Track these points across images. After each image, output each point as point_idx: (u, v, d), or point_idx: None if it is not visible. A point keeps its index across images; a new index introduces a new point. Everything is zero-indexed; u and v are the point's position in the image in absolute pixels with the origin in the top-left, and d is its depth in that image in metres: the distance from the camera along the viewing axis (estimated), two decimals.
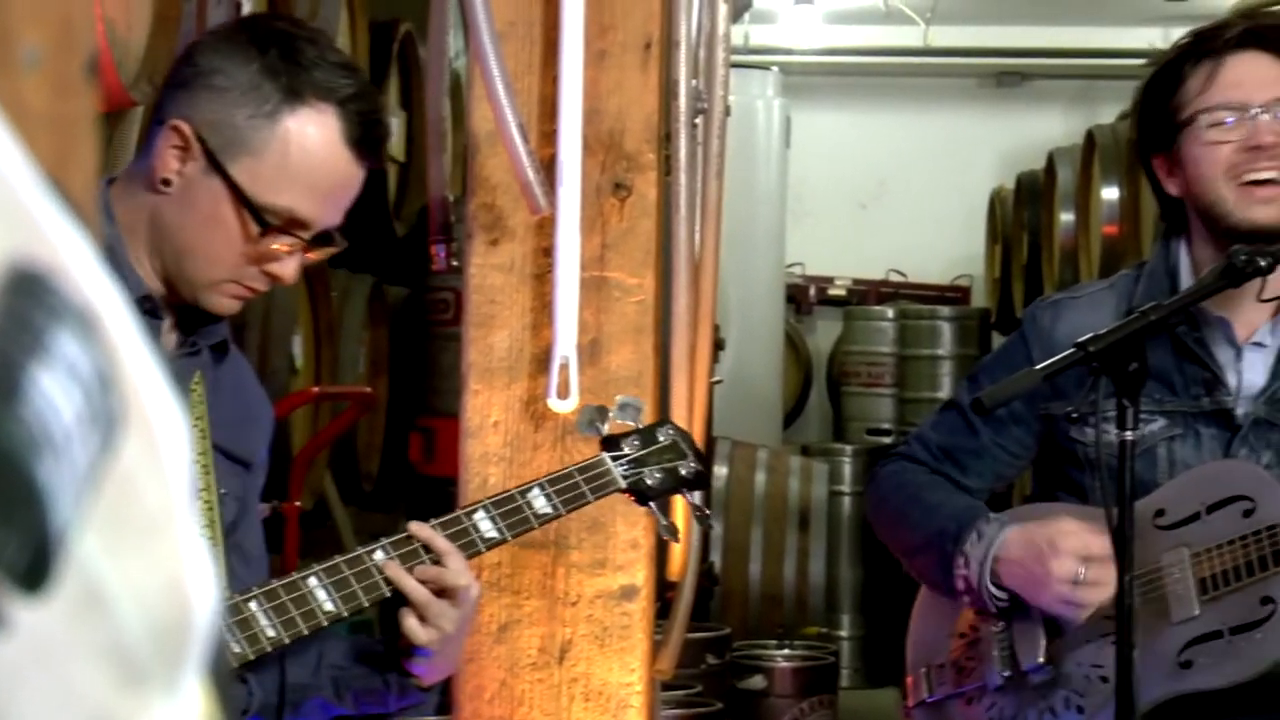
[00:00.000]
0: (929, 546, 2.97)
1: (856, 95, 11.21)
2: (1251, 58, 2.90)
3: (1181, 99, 2.91)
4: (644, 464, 2.51)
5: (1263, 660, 2.68)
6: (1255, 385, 2.90)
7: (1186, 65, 2.92)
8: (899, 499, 3.06)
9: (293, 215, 2.35)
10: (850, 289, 11.04)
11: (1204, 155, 2.87)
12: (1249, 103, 2.85)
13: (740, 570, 7.46)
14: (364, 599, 2.38)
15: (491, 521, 2.45)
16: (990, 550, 2.86)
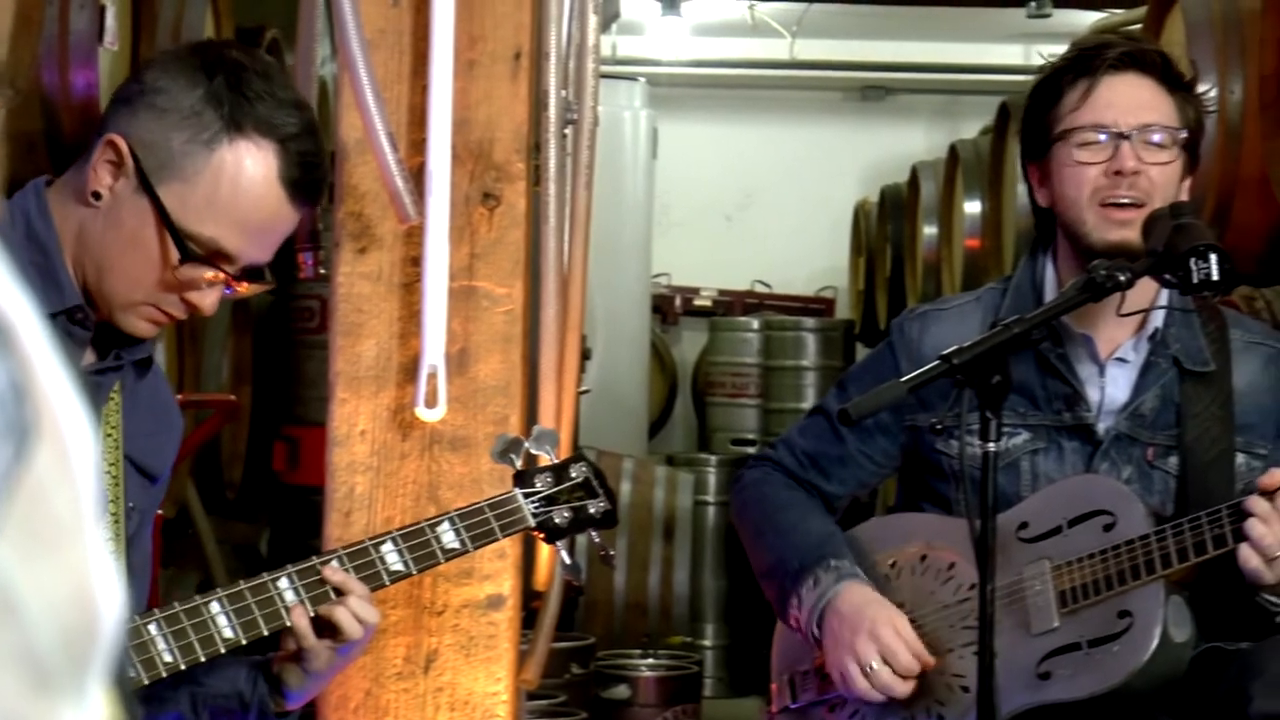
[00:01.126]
0: (772, 574, 3.02)
1: (723, 107, 11.26)
2: (1129, 79, 2.95)
3: (1058, 113, 2.96)
4: (555, 501, 2.50)
5: (1119, 673, 2.72)
6: (1118, 401, 2.95)
7: (1065, 80, 2.97)
8: (755, 515, 3.09)
9: (217, 247, 2.31)
10: (716, 300, 11.08)
11: (1071, 175, 2.92)
12: (1119, 125, 2.90)
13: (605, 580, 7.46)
14: (264, 628, 2.35)
15: (399, 554, 2.43)
16: (820, 601, 2.90)
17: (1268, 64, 4.55)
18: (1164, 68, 2.96)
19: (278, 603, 2.34)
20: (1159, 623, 2.72)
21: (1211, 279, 2.67)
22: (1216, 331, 3.00)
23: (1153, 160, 2.90)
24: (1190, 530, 2.72)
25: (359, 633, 2.38)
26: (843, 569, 2.93)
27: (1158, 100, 2.94)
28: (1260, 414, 2.96)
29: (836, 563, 2.94)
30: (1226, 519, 2.71)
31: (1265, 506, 2.67)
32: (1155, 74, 2.95)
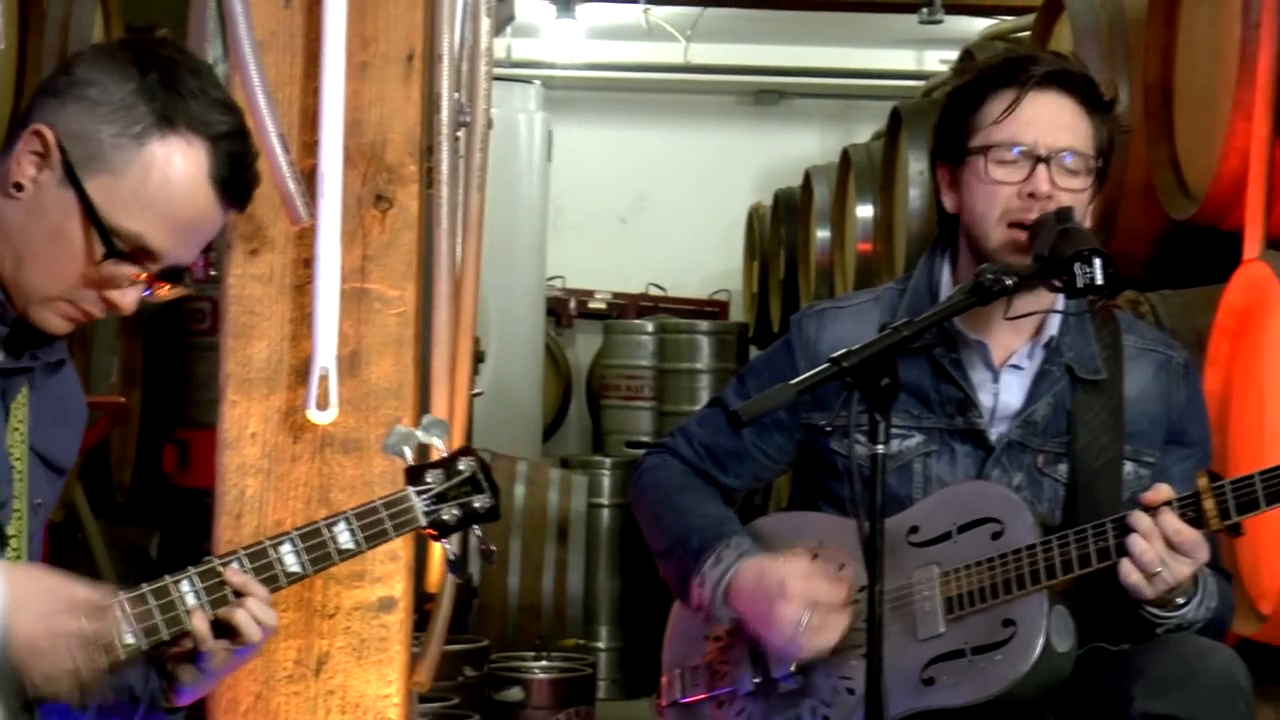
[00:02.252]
0: (673, 554, 3.02)
1: (618, 110, 11.26)
2: (1053, 98, 2.94)
3: (977, 121, 2.96)
4: (444, 499, 2.48)
5: (1001, 681, 2.74)
6: (1011, 407, 2.97)
7: (990, 89, 2.96)
8: (655, 498, 3.10)
9: (141, 243, 2.28)
10: (610, 303, 11.09)
11: (984, 192, 2.93)
12: (1037, 147, 2.90)
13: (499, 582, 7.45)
14: (165, 633, 2.33)
15: (296, 555, 2.41)
16: (724, 578, 2.90)
17: (1152, 71, 4.62)
18: (1087, 89, 2.96)
19: (179, 606, 2.33)
20: (1041, 633, 2.74)
21: (1096, 283, 2.70)
22: (1110, 338, 3.03)
23: (1066, 186, 2.90)
24: (1075, 542, 2.75)
25: (258, 635, 2.37)
26: (744, 546, 2.94)
27: (1078, 123, 2.94)
28: (1149, 422, 2.99)
29: (738, 540, 2.96)
30: (1110, 533, 2.74)
31: (1147, 523, 2.70)
32: (1078, 95, 2.95)
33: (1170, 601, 2.78)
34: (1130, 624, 2.84)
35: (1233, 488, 2.68)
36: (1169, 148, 4.59)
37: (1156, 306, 4.62)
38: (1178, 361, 3.05)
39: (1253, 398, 3.87)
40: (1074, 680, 2.82)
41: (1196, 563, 2.72)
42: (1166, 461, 2.94)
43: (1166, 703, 2.66)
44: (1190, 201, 4.42)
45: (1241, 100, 4.03)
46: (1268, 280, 3.72)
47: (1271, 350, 3.75)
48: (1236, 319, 3.94)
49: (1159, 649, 2.75)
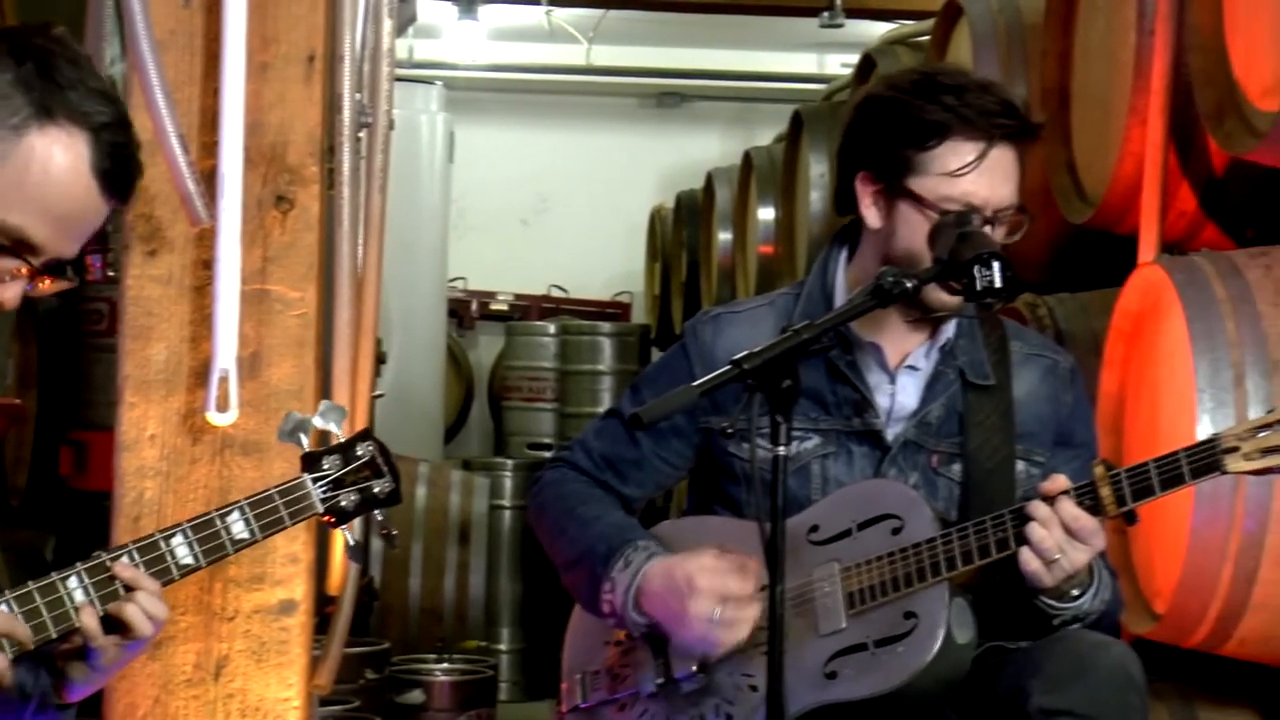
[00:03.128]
0: (579, 565, 3.01)
1: (520, 112, 11.26)
2: (1007, 155, 2.92)
3: (927, 163, 2.91)
4: (342, 484, 2.46)
5: (903, 673, 2.77)
6: (907, 408, 3.00)
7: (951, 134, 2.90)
8: (557, 510, 3.09)
9: (21, 236, 2.25)
10: (512, 304, 11.08)
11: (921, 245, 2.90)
12: (987, 208, 2.90)
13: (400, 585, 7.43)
14: (53, 630, 2.30)
15: (188, 547, 2.38)
16: (634, 580, 2.91)
17: (1049, 77, 4.66)
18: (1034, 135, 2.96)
19: (67, 604, 2.30)
20: (942, 624, 2.78)
21: (995, 286, 2.73)
22: (998, 344, 3.07)
23: (1004, 240, 2.91)
24: (975, 534, 2.79)
25: (149, 630, 2.34)
26: (650, 548, 2.95)
27: (1017, 171, 2.94)
28: (1039, 423, 3.03)
29: (644, 543, 2.96)
30: (1009, 523, 2.77)
31: (1045, 511, 2.74)
32: (1027, 143, 2.96)
33: (1067, 593, 2.82)
34: (1028, 620, 2.87)
35: (1128, 475, 2.73)
36: (1066, 152, 4.64)
37: (1054, 309, 4.67)
38: (1064, 366, 3.10)
39: (1147, 399, 3.92)
40: (973, 677, 2.85)
41: (1093, 550, 2.76)
42: (1055, 462, 2.98)
43: (1063, 698, 2.70)
44: (1086, 205, 4.47)
45: (1136, 105, 4.08)
46: (1162, 284, 3.77)
47: (1165, 353, 3.80)
48: (1132, 322, 3.99)
49: (1055, 645, 2.79)
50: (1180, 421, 3.63)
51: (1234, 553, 3.54)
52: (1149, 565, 3.88)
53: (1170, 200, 4.09)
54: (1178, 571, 3.62)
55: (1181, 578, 3.62)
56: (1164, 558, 3.77)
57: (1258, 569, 3.54)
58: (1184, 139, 4.05)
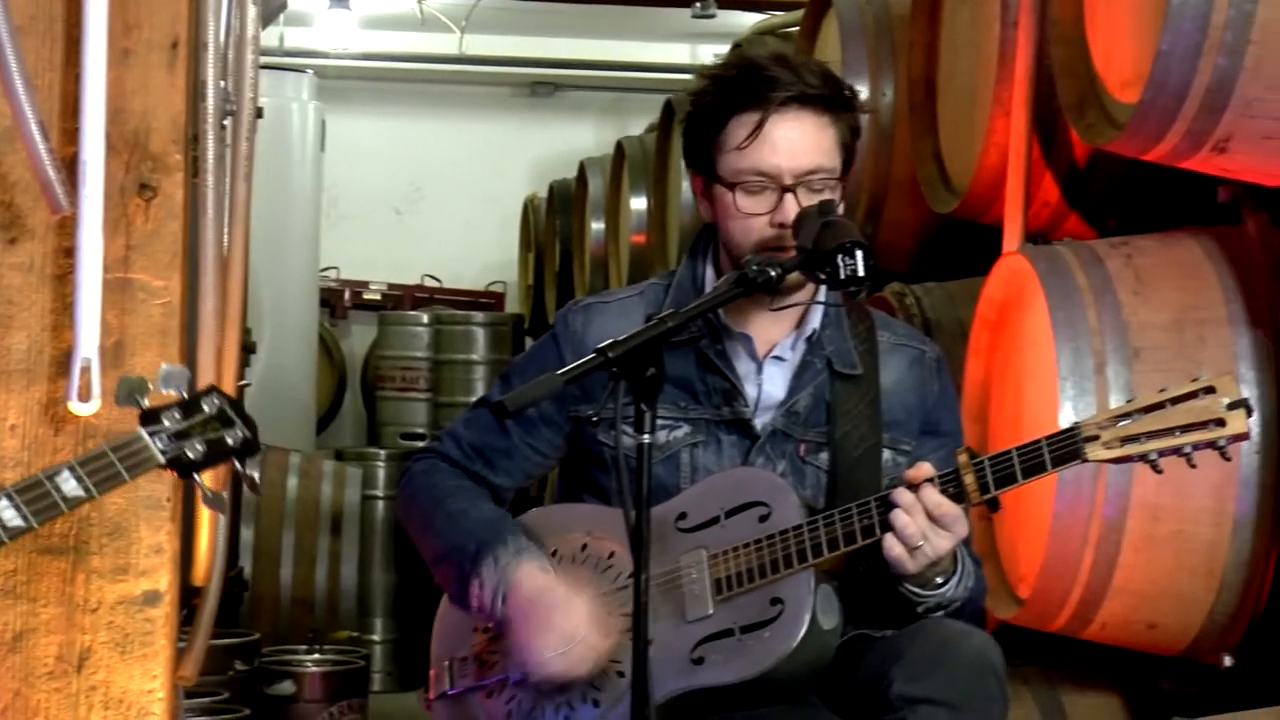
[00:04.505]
0: (448, 560, 3.01)
1: (393, 101, 11.21)
2: (795, 118, 2.93)
3: (723, 144, 2.96)
4: (187, 436, 2.42)
5: (769, 658, 2.79)
6: (774, 397, 3.02)
7: (734, 111, 2.95)
8: (425, 503, 3.08)
9: None
10: (385, 294, 11.03)
11: (737, 226, 2.95)
12: (783, 176, 2.91)
13: (271, 575, 7.38)
14: None
15: (15, 509, 2.35)
16: (503, 580, 2.91)
17: (916, 67, 4.71)
18: (828, 99, 2.96)
19: None
20: (808, 610, 2.80)
21: (858, 274, 2.76)
22: (865, 334, 3.09)
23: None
24: (840, 521, 2.81)
25: None
26: (521, 546, 2.95)
27: (820, 136, 2.94)
28: (905, 412, 3.06)
29: (514, 541, 2.96)
30: (874, 510, 2.80)
31: (909, 498, 2.77)
32: (820, 107, 2.95)
33: (931, 580, 2.85)
34: (893, 608, 2.90)
35: (991, 463, 2.76)
36: (933, 142, 4.69)
37: (921, 299, 4.72)
38: (930, 356, 3.13)
39: (1011, 387, 3.97)
40: (837, 665, 2.87)
41: (956, 537, 2.79)
42: (922, 451, 3.01)
43: (923, 685, 2.73)
44: (953, 195, 4.52)
45: (1001, 97, 4.13)
46: (1025, 273, 3.82)
47: (1029, 341, 3.85)
48: (996, 311, 4.04)
49: (917, 633, 2.82)
50: (1043, 409, 3.68)
51: (1095, 539, 3.60)
52: (1013, 551, 3.93)
53: (1034, 190, 4.15)
54: (1040, 557, 3.68)
55: (1044, 563, 3.67)
56: (1027, 544, 3.83)
57: (1118, 554, 3.60)
58: (1047, 130, 4.11)
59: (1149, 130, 3.42)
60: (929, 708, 2.72)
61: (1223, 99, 3.28)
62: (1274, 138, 3.34)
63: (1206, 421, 2.67)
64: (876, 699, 2.75)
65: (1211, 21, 3.21)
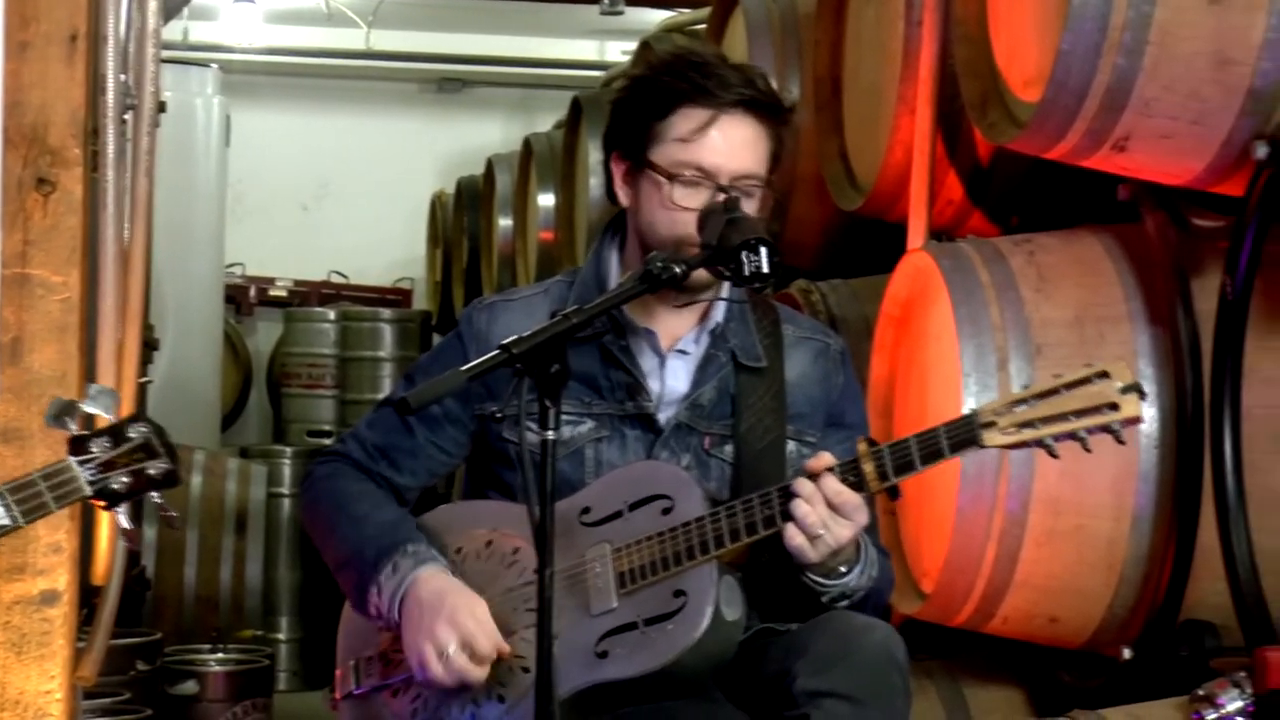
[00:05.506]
0: (349, 565, 3.00)
1: (299, 96, 11.15)
2: (739, 123, 2.95)
3: (663, 132, 2.96)
4: (113, 466, 2.40)
5: (673, 650, 2.79)
6: (678, 391, 3.03)
7: (683, 103, 2.95)
8: (327, 508, 3.07)
9: None
10: (292, 290, 10.98)
11: (665, 216, 2.95)
12: (720, 175, 2.92)
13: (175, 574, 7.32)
14: None
15: None
16: (401, 587, 2.91)
17: (821, 66, 4.73)
18: (774, 108, 2.98)
19: None
20: (711, 601, 2.81)
21: (762, 271, 2.77)
22: (770, 327, 3.11)
23: (744, 210, 2.91)
24: (742, 512, 2.82)
25: None
26: (420, 553, 2.94)
27: (758, 142, 2.96)
28: (810, 404, 3.08)
29: (414, 547, 2.95)
30: (776, 500, 2.81)
31: (810, 488, 2.79)
32: (765, 114, 2.97)
33: (834, 570, 2.86)
34: (798, 600, 2.91)
35: (890, 451, 2.78)
36: (838, 140, 4.71)
37: (827, 295, 4.74)
38: (835, 349, 3.15)
39: (916, 383, 4.00)
40: (741, 660, 2.88)
41: (857, 525, 2.80)
42: (827, 443, 3.02)
43: (827, 679, 2.74)
44: (858, 193, 4.54)
45: (905, 95, 4.16)
46: (929, 270, 3.84)
47: (933, 337, 3.87)
48: (901, 307, 4.06)
49: (821, 628, 2.83)
50: (947, 405, 3.71)
51: (997, 533, 3.63)
52: (917, 546, 3.96)
53: (938, 188, 4.18)
54: (944, 552, 3.70)
55: (948, 558, 3.69)
56: (931, 539, 3.85)
57: (1020, 548, 3.63)
58: (951, 129, 4.14)
59: (1050, 129, 3.45)
60: (832, 702, 2.73)
61: (1122, 98, 3.32)
62: (1171, 137, 3.38)
63: (1101, 406, 2.70)
64: (780, 694, 2.76)
65: (1111, 22, 3.24)
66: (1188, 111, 3.34)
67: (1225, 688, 3.20)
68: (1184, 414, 3.57)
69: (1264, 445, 3.58)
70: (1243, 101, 3.31)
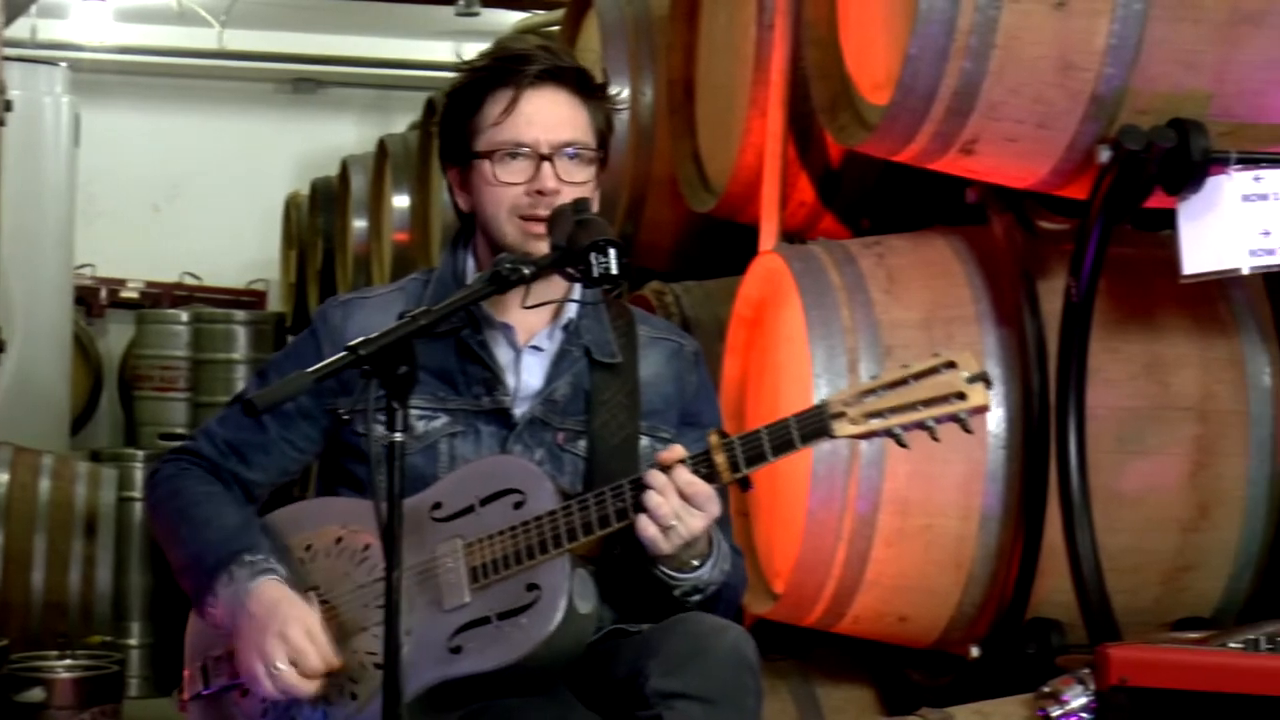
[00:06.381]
0: (189, 571, 2.99)
1: (150, 95, 11.02)
2: (549, 94, 2.99)
3: (478, 124, 3.00)
4: None
5: (527, 644, 2.79)
6: (532, 386, 3.03)
7: (488, 91, 3.00)
8: (170, 510, 3.05)
9: None
10: (144, 292, 10.85)
11: (493, 194, 2.97)
12: (539, 145, 2.95)
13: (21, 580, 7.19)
14: None
15: None
16: (237, 597, 2.90)
17: (675, 68, 4.75)
18: (580, 80, 3.02)
19: None
20: (564, 594, 2.81)
21: (611, 272, 2.77)
22: (625, 326, 3.12)
23: (572, 179, 2.96)
24: (595, 504, 2.83)
25: None
26: (258, 564, 2.92)
27: (575, 114, 3.00)
28: (664, 402, 3.09)
29: (251, 557, 2.93)
30: (628, 492, 2.82)
31: (662, 479, 2.80)
32: (573, 86, 3.01)
33: (687, 563, 2.88)
34: (653, 596, 2.92)
35: (741, 442, 2.80)
36: (691, 143, 4.73)
37: (680, 297, 4.76)
38: (689, 349, 3.17)
39: (768, 384, 4.02)
40: (594, 662, 2.88)
41: (709, 516, 2.82)
42: (682, 442, 3.02)
43: (679, 680, 2.74)
44: (711, 195, 4.56)
45: (757, 98, 4.18)
46: (781, 272, 3.86)
47: (784, 339, 3.90)
48: (753, 309, 4.08)
49: (673, 629, 2.84)
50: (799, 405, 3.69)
51: (848, 534, 3.66)
52: (769, 547, 3.98)
53: (790, 190, 4.21)
54: (795, 552, 3.72)
55: (799, 558, 3.72)
56: (783, 539, 3.88)
57: (870, 548, 3.67)
58: (803, 131, 4.17)
59: (899, 132, 3.48)
60: (685, 702, 2.74)
61: (969, 102, 3.36)
62: (1017, 140, 3.43)
63: (948, 395, 2.73)
64: (633, 695, 2.77)
65: (958, 26, 3.28)
66: (1033, 115, 3.39)
67: (1070, 684, 3.24)
68: (1030, 414, 3.62)
69: (1108, 445, 3.64)
70: (1086, 106, 3.37)
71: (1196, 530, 3.71)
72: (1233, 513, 3.72)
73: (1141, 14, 3.29)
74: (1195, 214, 3.41)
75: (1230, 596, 3.77)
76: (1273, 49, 3.34)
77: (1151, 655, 3.04)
